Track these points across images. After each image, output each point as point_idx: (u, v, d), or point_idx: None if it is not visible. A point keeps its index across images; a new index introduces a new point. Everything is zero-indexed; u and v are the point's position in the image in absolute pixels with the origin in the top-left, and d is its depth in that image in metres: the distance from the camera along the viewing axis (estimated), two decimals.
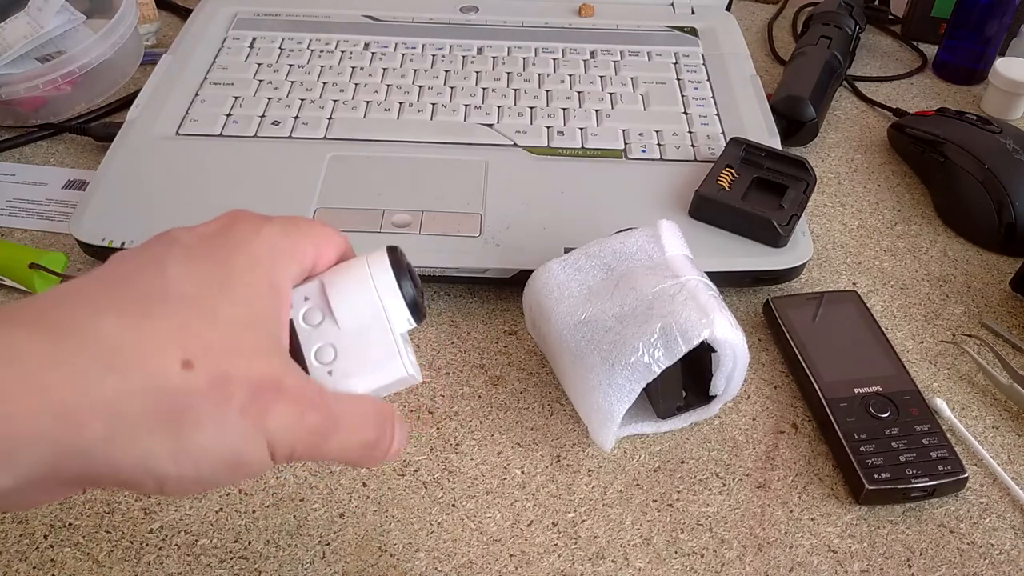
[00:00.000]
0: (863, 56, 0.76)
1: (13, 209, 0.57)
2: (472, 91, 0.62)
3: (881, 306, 0.52)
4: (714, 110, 0.62)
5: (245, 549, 0.39)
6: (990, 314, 0.52)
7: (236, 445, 0.24)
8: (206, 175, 0.55)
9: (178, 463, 0.23)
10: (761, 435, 0.45)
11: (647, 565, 0.39)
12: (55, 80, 0.62)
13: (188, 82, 0.62)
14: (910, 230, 0.58)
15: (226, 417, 0.23)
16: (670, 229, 0.44)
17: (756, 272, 0.51)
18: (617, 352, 0.39)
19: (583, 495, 0.42)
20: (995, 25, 0.71)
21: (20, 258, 0.50)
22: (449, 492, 0.42)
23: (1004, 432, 0.45)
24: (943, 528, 0.41)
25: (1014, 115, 0.69)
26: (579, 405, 0.42)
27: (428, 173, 0.55)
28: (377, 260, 0.28)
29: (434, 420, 0.45)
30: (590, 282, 0.43)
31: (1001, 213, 0.56)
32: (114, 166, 0.55)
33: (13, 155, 0.62)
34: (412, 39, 0.68)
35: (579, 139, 0.59)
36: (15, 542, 0.39)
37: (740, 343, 0.40)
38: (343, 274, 0.28)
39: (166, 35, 0.75)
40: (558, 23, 0.71)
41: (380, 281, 0.28)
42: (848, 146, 0.66)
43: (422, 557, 0.39)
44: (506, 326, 0.50)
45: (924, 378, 0.48)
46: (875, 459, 0.41)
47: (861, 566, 0.39)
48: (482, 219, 0.52)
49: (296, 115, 0.60)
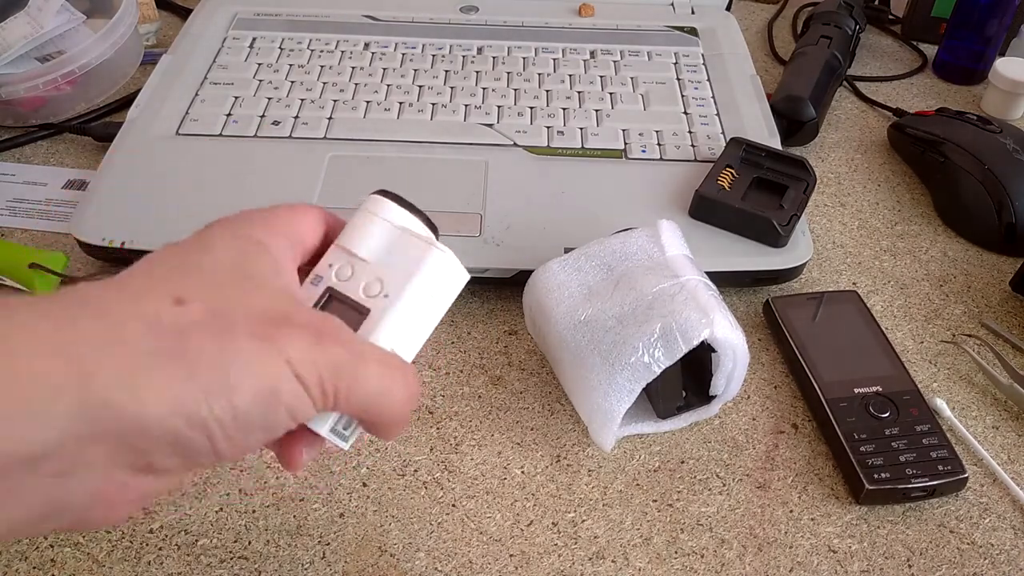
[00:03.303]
0: (863, 56, 0.76)
1: (13, 209, 0.57)
2: (472, 91, 0.62)
3: (881, 306, 0.52)
4: (714, 110, 0.62)
5: (245, 549, 0.39)
6: (990, 314, 0.52)
7: (259, 370, 0.23)
8: (206, 175, 0.55)
9: (209, 402, 0.22)
10: (761, 435, 0.45)
11: (647, 565, 0.39)
12: (55, 80, 0.62)
13: (188, 82, 0.62)
14: (910, 230, 0.58)
15: (234, 342, 0.23)
16: (670, 229, 0.44)
17: (756, 272, 0.51)
18: (617, 352, 0.39)
19: (583, 495, 0.42)
20: (995, 25, 0.71)
21: (20, 258, 0.50)
22: (449, 492, 0.42)
23: (1004, 432, 0.45)
24: (943, 528, 0.41)
25: (1014, 115, 0.69)
26: (579, 405, 0.42)
27: (428, 173, 0.55)
28: (369, 198, 0.31)
29: (434, 420, 0.45)
30: (590, 282, 0.43)
31: (1001, 213, 0.56)
32: (114, 166, 0.55)
33: (13, 155, 0.62)
34: (412, 39, 0.68)
35: (579, 139, 0.59)
36: (15, 542, 0.39)
37: (740, 343, 0.40)
38: (348, 225, 0.30)
39: (166, 35, 0.75)
40: (558, 23, 0.71)
41: (378, 207, 0.30)
42: (848, 146, 0.66)
43: (422, 557, 0.39)
44: (506, 326, 0.50)
45: (924, 378, 0.48)
46: (875, 459, 0.41)
47: (861, 566, 0.40)
48: (482, 219, 0.52)
49: (296, 115, 0.60)
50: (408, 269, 0.29)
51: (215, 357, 0.23)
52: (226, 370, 0.23)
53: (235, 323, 0.23)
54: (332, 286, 0.29)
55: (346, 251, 0.29)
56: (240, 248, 0.26)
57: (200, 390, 0.22)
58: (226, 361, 0.23)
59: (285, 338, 0.24)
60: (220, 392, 0.23)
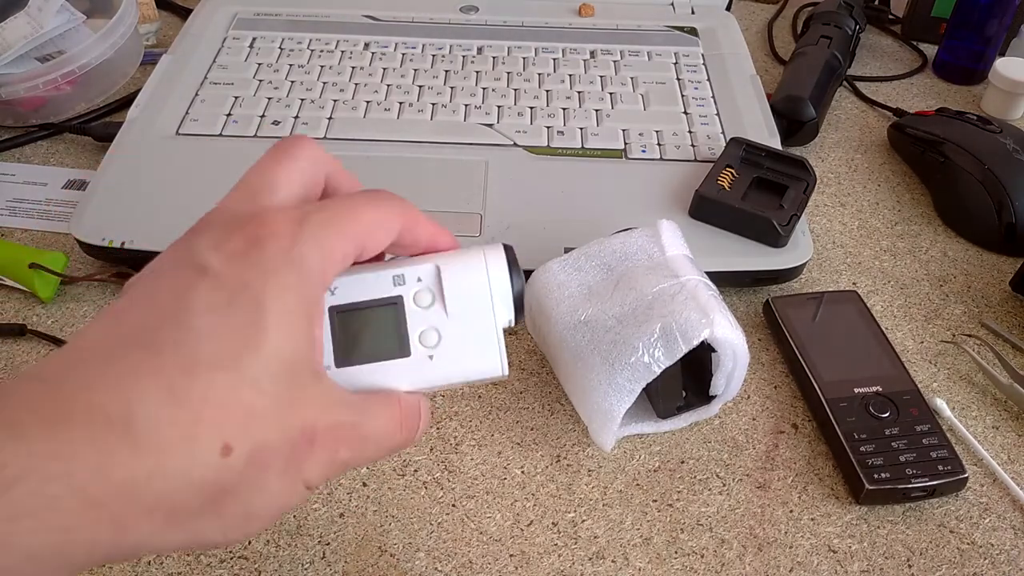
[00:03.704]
0: (863, 56, 0.76)
1: (13, 209, 0.57)
2: (472, 91, 0.62)
3: (881, 306, 0.52)
4: (714, 110, 0.62)
5: (245, 549, 0.39)
6: (990, 314, 0.52)
7: (277, 503, 0.24)
8: (206, 175, 0.55)
9: (226, 533, 0.24)
10: (761, 435, 0.45)
11: (647, 565, 0.39)
12: (55, 80, 0.62)
13: (188, 82, 0.63)
14: (910, 230, 0.58)
15: (266, 485, 0.24)
16: (670, 229, 0.44)
17: (756, 272, 0.51)
18: (617, 352, 0.39)
19: (583, 495, 0.42)
20: (995, 25, 0.71)
21: (20, 258, 0.50)
22: (449, 492, 0.42)
23: (1004, 432, 0.45)
24: (943, 528, 0.41)
25: (1014, 115, 0.69)
26: (579, 405, 0.42)
27: (428, 173, 0.55)
28: (493, 253, 0.29)
29: (434, 420, 0.45)
30: (590, 282, 0.43)
31: (1001, 213, 0.56)
32: (114, 166, 0.55)
33: (13, 155, 0.62)
34: (412, 39, 0.68)
35: (579, 139, 0.59)
36: None
37: (740, 343, 0.40)
38: (459, 262, 0.29)
39: (166, 35, 0.75)
40: (558, 23, 0.71)
41: (494, 274, 0.28)
42: (848, 146, 0.66)
43: (422, 557, 0.39)
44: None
45: (924, 378, 0.48)
46: (875, 459, 0.41)
47: (861, 566, 0.39)
48: (482, 219, 0.52)
49: (296, 115, 0.60)
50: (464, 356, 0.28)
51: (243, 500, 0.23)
52: (250, 509, 0.24)
53: (268, 465, 0.24)
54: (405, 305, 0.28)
55: (440, 283, 0.28)
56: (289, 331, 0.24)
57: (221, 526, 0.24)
58: (252, 501, 0.24)
59: (307, 464, 0.25)
60: (237, 525, 0.24)
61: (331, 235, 0.25)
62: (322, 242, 0.25)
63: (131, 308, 0.24)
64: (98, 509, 0.21)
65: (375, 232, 0.27)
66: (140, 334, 0.23)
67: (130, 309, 0.24)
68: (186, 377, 0.22)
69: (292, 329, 0.24)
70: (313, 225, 0.25)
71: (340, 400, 0.26)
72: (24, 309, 0.50)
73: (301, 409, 0.24)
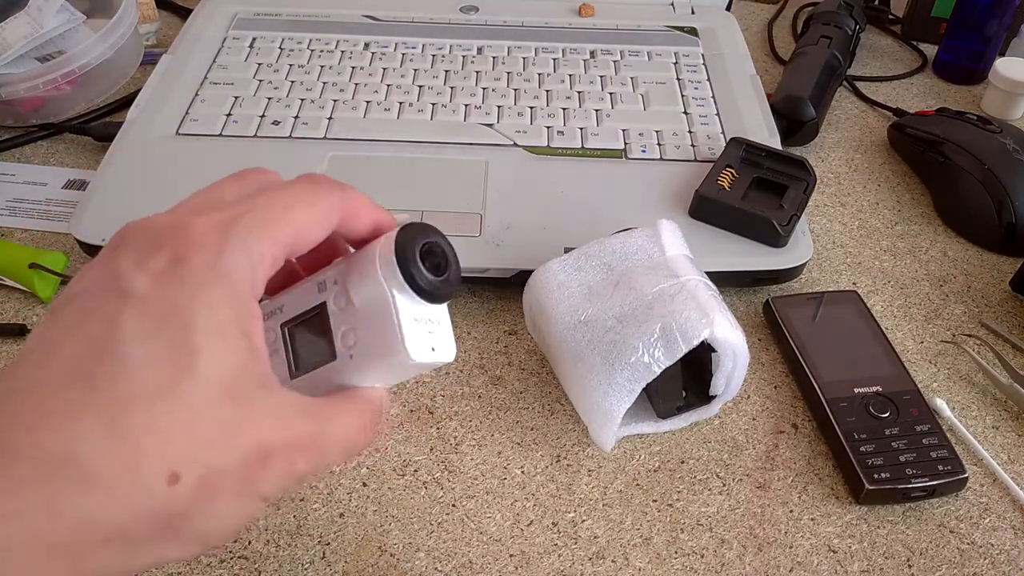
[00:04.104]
0: (863, 56, 0.76)
1: (13, 209, 0.57)
2: (472, 91, 0.62)
3: (881, 306, 0.52)
4: (714, 110, 0.62)
5: (245, 549, 0.39)
6: (990, 314, 0.52)
7: (233, 522, 0.24)
8: (206, 175, 0.54)
9: (185, 551, 0.24)
10: (761, 435, 0.45)
11: (647, 565, 0.39)
12: (55, 80, 0.62)
13: (188, 82, 0.62)
14: (910, 230, 0.58)
15: (219, 507, 0.23)
16: (670, 229, 0.44)
17: (756, 272, 0.51)
18: (617, 352, 0.39)
19: (583, 495, 0.42)
20: (995, 25, 0.71)
21: (20, 258, 0.50)
22: (449, 492, 0.42)
23: (1004, 432, 0.45)
24: (943, 528, 0.41)
25: (1014, 115, 0.69)
26: (579, 405, 0.42)
27: (428, 173, 0.55)
28: (384, 246, 0.27)
29: (434, 420, 0.45)
30: (590, 282, 0.43)
31: (1001, 213, 0.56)
32: (114, 166, 0.55)
33: (13, 155, 0.62)
34: (412, 39, 0.68)
35: (579, 139, 0.59)
36: None
37: (740, 343, 0.40)
38: (359, 258, 0.27)
39: (166, 35, 0.75)
40: (558, 23, 0.71)
41: (384, 268, 0.26)
42: (848, 146, 0.66)
43: (422, 557, 0.39)
44: (506, 326, 0.50)
45: (924, 378, 0.48)
46: (875, 459, 0.41)
47: (861, 566, 0.39)
48: (482, 219, 0.52)
49: (296, 115, 0.60)
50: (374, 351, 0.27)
51: (198, 523, 0.23)
52: (206, 530, 0.24)
53: (219, 490, 0.23)
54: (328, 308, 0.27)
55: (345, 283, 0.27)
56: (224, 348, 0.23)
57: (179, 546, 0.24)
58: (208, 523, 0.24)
59: (262, 481, 0.24)
60: (195, 544, 0.24)
61: (260, 240, 0.24)
62: (249, 249, 0.24)
63: (63, 340, 0.23)
64: (52, 549, 0.21)
65: (307, 231, 0.26)
66: (74, 368, 0.22)
67: (62, 342, 0.23)
68: (125, 410, 0.22)
69: (226, 345, 0.23)
70: (240, 230, 0.24)
71: (296, 410, 0.25)
72: (24, 309, 0.50)
73: (250, 427, 0.24)
